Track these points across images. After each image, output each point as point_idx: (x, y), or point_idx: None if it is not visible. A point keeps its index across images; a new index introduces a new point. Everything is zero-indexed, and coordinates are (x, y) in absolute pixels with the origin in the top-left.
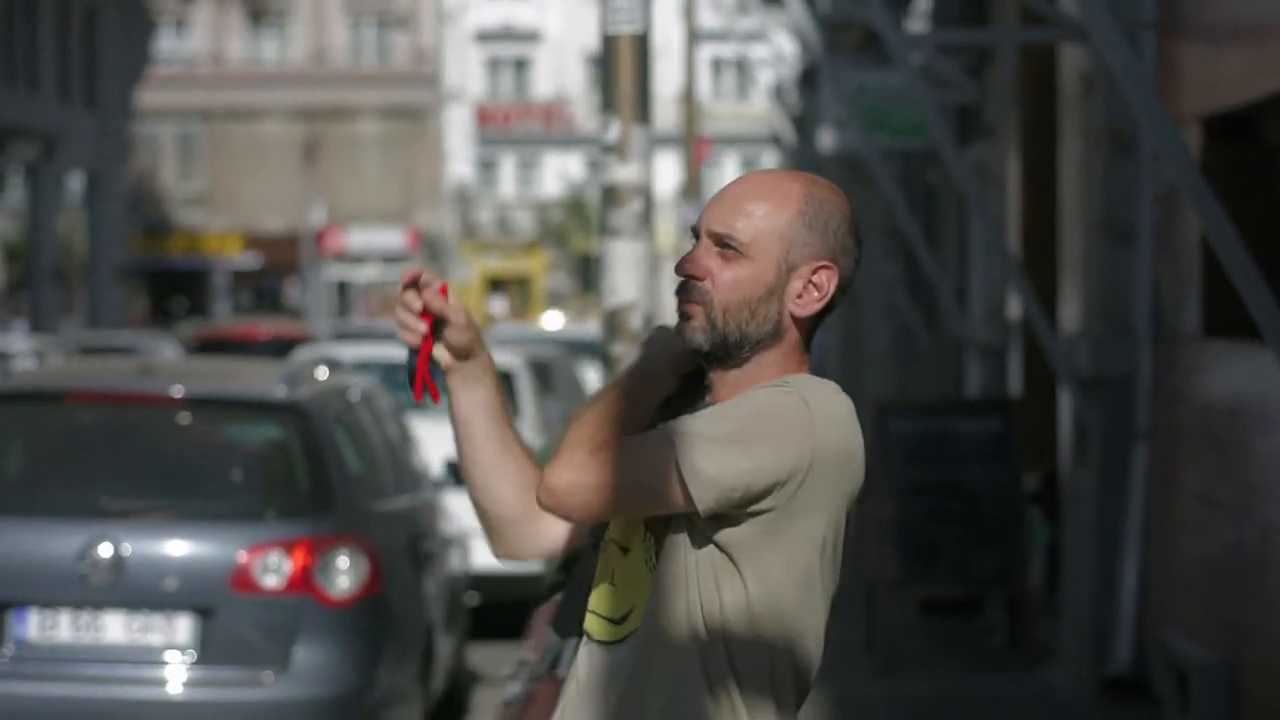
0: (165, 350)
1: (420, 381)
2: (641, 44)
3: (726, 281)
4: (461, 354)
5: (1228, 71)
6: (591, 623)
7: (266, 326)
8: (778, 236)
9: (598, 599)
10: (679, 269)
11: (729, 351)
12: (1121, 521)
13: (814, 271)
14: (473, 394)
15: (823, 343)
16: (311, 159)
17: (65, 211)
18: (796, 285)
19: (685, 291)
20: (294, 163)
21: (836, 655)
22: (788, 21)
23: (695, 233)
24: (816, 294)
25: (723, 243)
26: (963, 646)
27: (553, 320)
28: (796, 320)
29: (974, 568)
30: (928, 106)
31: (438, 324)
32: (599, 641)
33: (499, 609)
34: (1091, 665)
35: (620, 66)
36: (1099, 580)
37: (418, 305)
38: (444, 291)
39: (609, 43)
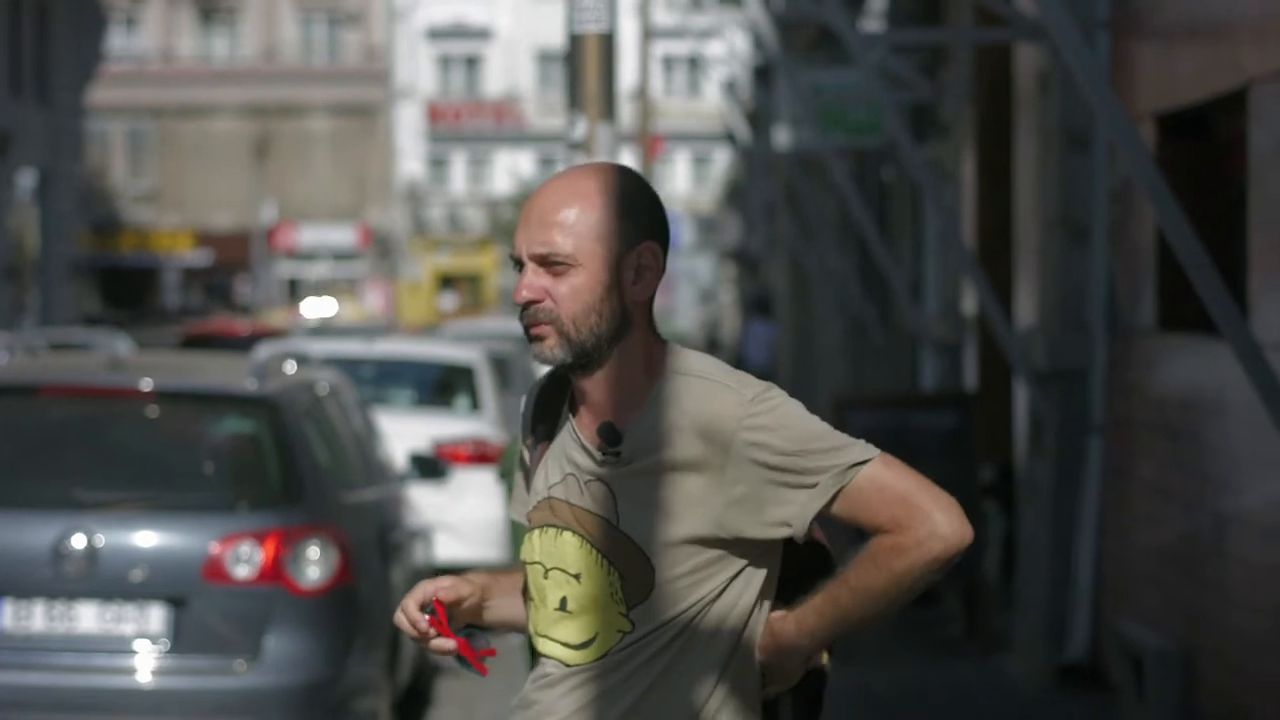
0: (122, 348)
1: (474, 661)
2: (607, 43)
3: (565, 295)
4: (479, 609)
5: (1182, 69)
6: (554, 649)
7: (245, 323)
8: (595, 237)
9: (553, 626)
10: (516, 298)
11: (589, 356)
12: (1077, 512)
13: (639, 255)
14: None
15: (770, 338)
16: (262, 156)
17: (16, 209)
18: (629, 274)
19: (530, 316)
20: (245, 160)
21: None
22: (744, 19)
23: (517, 261)
24: (649, 274)
25: (547, 261)
26: (920, 636)
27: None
28: (638, 304)
29: None
30: (884, 105)
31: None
32: (572, 666)
33: None
34: (1047, 654)
35: (586, 65)
36: (1055, 570)
37: (426, 627)
38: (438, 605)
39: (575, 41)
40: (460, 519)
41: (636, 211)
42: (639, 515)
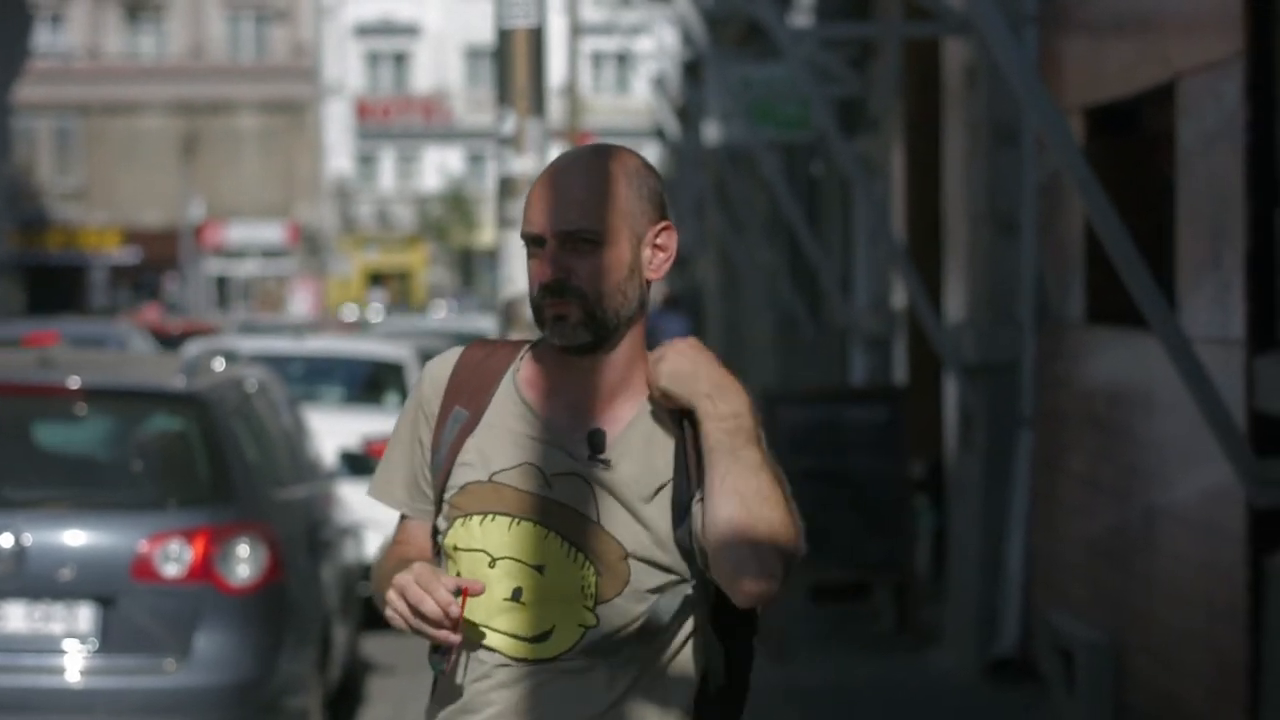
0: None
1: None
2: (536, 38)
3: (593, 272)
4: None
5: (1110, 63)
6: (496, 640)
7: (178, 321)
8: (622, 215)
9: (496, 616)
10: (543, 277)
11: (609, 336)
12: (1007, 506)
13: (657, 235)
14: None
15: (681, 330)
16: (190, 153)
17: None
18: (648, 254)
19: (555, 293)
20: (172, 157)
21: None
22: (673, 14)
23: (533, 239)
24: (663, 255)
25: (576, 238)
26: (851, 631)
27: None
28: (649, 285)
29: (861, 554)
30: (813, 99)
31: None
32: (521, 660)
33: None
34: (978, 647)
35: (515, 60)
36: (985, 564)
37: (458, 613)
38: (465, 596)
39: (504, 37)
40: (390, 516)
41: (652, 192)
42: (619, 514)
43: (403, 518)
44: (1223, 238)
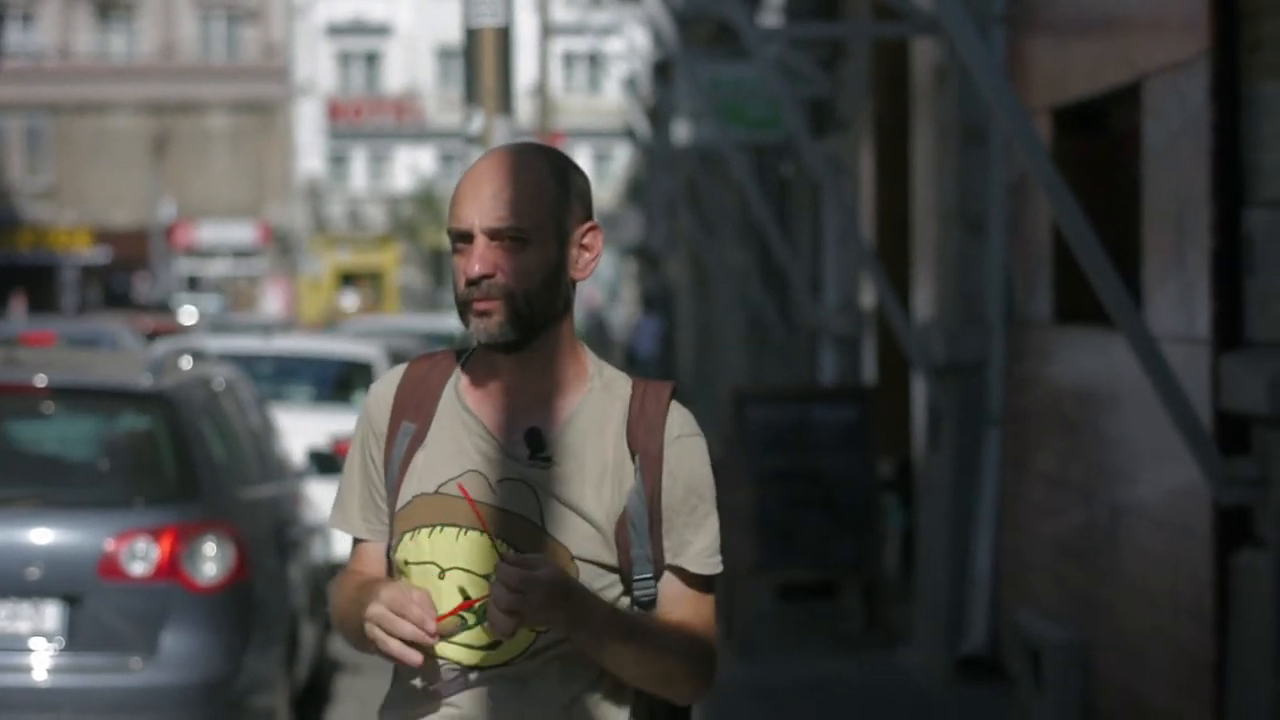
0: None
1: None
2: (504, 36)
3: (520, 270)
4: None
5: (1076, 64)
6: (451, 651)
7: (147, 320)
8: (550, 214)
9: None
10: (469, 272)
11: (535, 335)
12: (975, 505)
13: (584, 235)
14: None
15: (657, 331)
16: (161, 153)
17: None
18: (574, 253)
19: (481, 291)
20: (143, 157)
21: None
22: (643, 15)
23: (460, 235)
24: (589, 255)
25: (503, 235)
26: (820, 630)
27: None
28: (574, 285)
29: (831, 553)
30: (783, 100)
31: None
32: (475, 667)
33: None
34: (946, 646)
35: (483, 59)
36: (953, 563)
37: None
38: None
39: (471, 35)
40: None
41: (580, 191)
42: (564, 516)
43: (356, 541)
44: (1188, 237)
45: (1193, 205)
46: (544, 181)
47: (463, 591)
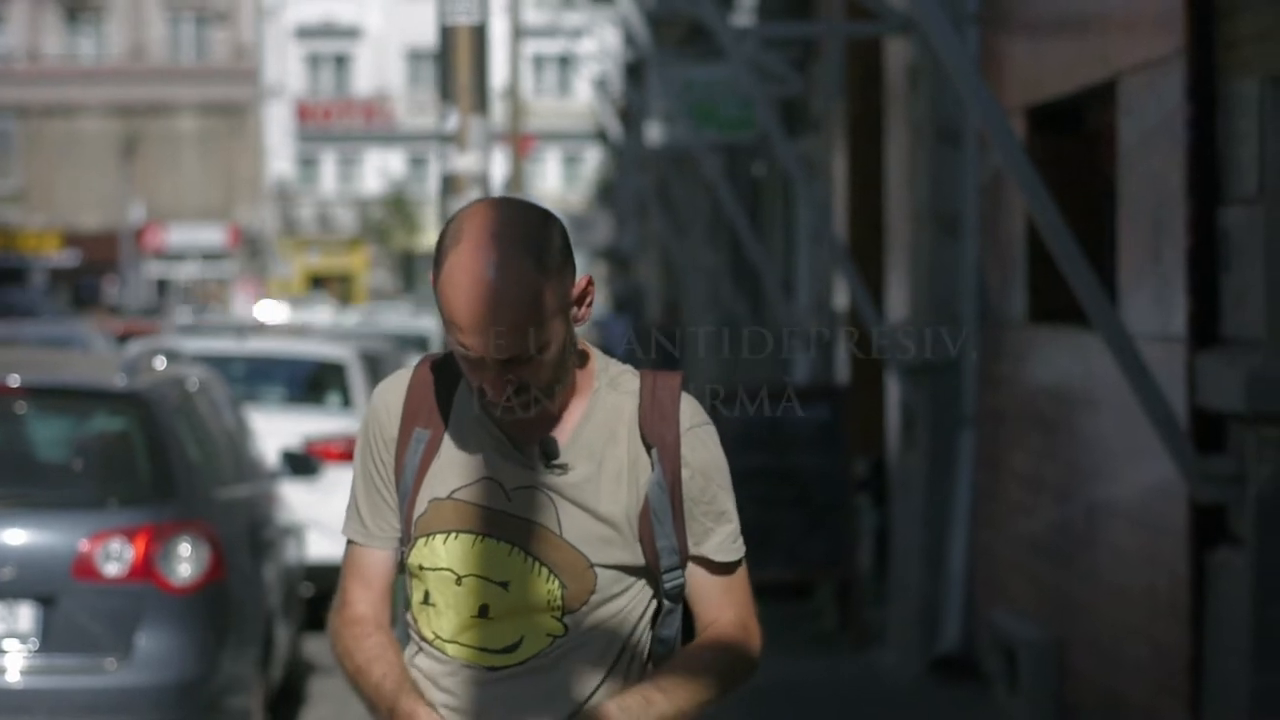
0: None
1: None
2: (479, 35)
3: (538, 372)
4: None
5: (1051, 62)
6: (466, 654)
7: (118, 322)
8: (550, 312)
9: (464, 632)
10: (495, 398)
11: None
12: (949, 505)
13: (580, 292)
14: None
15: (621, 332)
16: (130, 156)
17: None
18: (575, 310)
19: (508, 398)
20: (112, 160)
21: None
22: (615, 16)
23: (465, 346)
24: (587, 301)
25: (517, 359)
26: (793, 630)
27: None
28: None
29: (804, 553)
30: (755, 100)
31: None
32: (489, 668)
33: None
34: (921, 646)
35: (458, 58)
36: (928, 562)
37: None
38: None
39: (447, 34)
40: (332, 516)
41: (560, 258)
42: (582, 523)
43: (350, 543)
44: (1164, 235)
45: (1168, 203)
46: (535, 283)
47: (477, 598)
